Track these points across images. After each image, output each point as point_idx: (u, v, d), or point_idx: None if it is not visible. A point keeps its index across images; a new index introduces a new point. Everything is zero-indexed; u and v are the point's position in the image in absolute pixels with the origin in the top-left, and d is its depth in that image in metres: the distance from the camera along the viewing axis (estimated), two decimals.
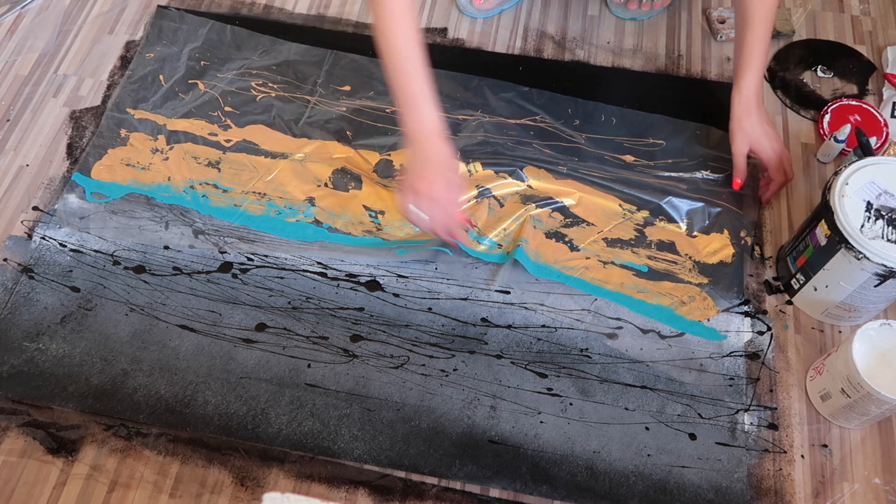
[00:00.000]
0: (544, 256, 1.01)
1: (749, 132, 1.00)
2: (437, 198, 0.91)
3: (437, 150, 0.90)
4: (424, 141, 0.90)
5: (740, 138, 1.00)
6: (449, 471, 0.87)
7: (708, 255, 1.01)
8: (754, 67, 0.98)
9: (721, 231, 1.02)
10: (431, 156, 0.90)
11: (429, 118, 0.89)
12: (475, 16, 1.25)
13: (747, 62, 0.98)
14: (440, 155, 0.90)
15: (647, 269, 1.00)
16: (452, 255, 0.99)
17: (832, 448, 0.89)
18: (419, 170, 0.90)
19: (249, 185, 1.06)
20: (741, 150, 1.01)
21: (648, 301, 0.98)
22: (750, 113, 0.99)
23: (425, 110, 0.89)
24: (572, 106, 1.15)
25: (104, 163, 1.07)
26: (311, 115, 1.13)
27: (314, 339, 0.95)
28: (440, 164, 0.90)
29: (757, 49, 0.97)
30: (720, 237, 1.02)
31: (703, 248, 1.02)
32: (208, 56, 1.18)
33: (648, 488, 0.86)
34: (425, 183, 0.90)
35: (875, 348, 0.85)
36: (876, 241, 0.86)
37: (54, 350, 0.93)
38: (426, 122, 0.89)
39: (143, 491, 0.85)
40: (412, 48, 0.87)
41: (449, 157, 0.91)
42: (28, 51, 1.20)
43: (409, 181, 0.91)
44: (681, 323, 0.96)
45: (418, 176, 0.90)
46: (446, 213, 0.92)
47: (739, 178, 1.03)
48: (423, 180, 0.90)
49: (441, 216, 0.92)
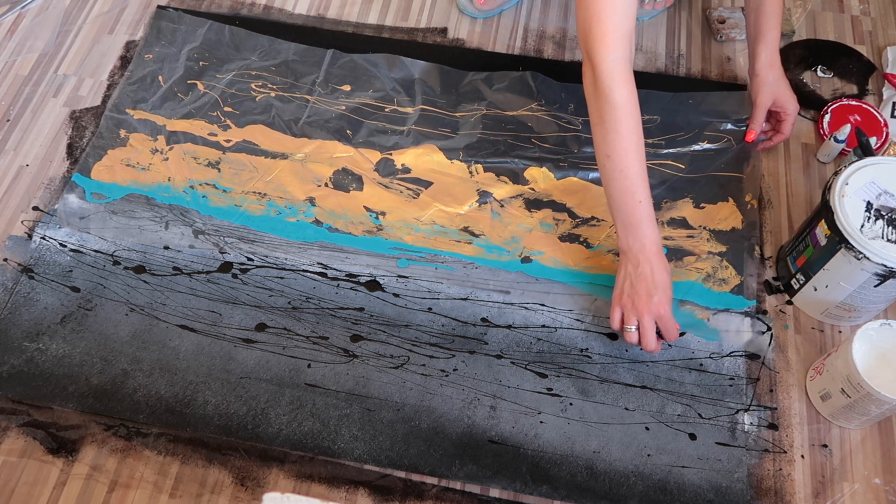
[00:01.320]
0: (563, 261, 1.01)
1: (774, 86, 1.04)
2: (662, 315, 0.89)
3: (661, 269, 0.89)
4: (646, 261, 0.88)
5: (766, 91, 1.05)
6: (449, 471, 0.87)
7: (719, 222, 1.04)
8: (773, 30, 1.03)
9: (726, 199, 1.05)
10: (657, 275, 0.88)
11: (652, 239, 0.89)
12: (475, 16, 1.25)
13: (766, 28, 1.03)
14: (664, 273, 0.89)
15: (666, 251, 1.00)
16: (455, 271, 1.00)
17: (832, 448, 0.89)
18: (640, 288, 0.88)
19: (249, 185, 1.07)
20: (765, 101, 1.05)
21: (677, 281, 0.97)
22: (774, 67, 1.04)
23: (649, 232, 0.89)
24: (565, 91, 1.15)
25: (104, 163, 1.07)
26: (310, 115, 1.13)
27: (314, 339, 0.95)
28: (666, 284, 0.89)
29: (773, 18, 1.03)
30: (726, 205, 1.05)
31: (713, 216, 1.04)
32: (207, 56, 1.18)
33: (648, 488, 0.86)
34: (647, 301, 0.88)
35: (875, 348, 0.85)
36: (876, 241, 0.85)
37: (54, 350, 0.93)
38: (650, 242, 0.89)
39: (143, 491, 0.85)
40: (640, 170, 0.88)
41: (670, 276, 0.90)
42: (28, 51, 1.20)
43: (630, 298, 0.89)
44: (710, 298, 0.98)
45: (638, 294, 0.88)
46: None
47: (756, 128, 1.07)
48: (644, 298, 0.88)
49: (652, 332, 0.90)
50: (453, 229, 1.03)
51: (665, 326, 0.88)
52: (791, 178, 1.09)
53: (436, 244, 1.02)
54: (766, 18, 1.03)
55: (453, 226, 1.04)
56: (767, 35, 1.03)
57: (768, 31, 1.03)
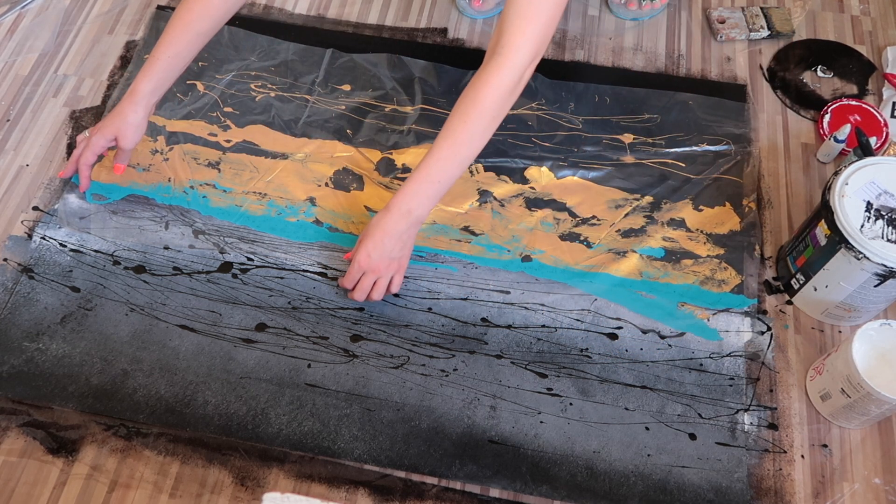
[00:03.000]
0: (564, 260, 1.01)
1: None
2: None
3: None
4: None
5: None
6: (449, 471, 0.87)
7: (717, 226, 1.04)
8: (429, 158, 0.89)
9: (723, 204, 1.05)
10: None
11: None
12: (475, 17, 1.25)
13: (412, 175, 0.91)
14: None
15: (664, 253, 1.01)
16: (457, 271, 1.00)
17: (832, 448, 0.89)
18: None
19: (250, 185, 1.07)
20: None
21: (674, 283, 0.99)
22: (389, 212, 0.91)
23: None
24: (565, 89, 1.15)
25: (104, 164, 1.07)
26: (310, 115, 1.13)
27: (314, 339, 0.95)
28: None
29: (423, 163, 0.89)
30: (724, 209, 1.05)
31: (710, 220, 1.04)
32: (206, 57, 1.18)
33: (648, 488, 0.86)
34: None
35: (875, 348, 0.85)
36: (876, 241, 0.86)
37: (54, 350, 0.93)
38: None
39: (143, 491, 0.85)
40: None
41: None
42: (28, 51, 1.20)
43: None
44: (710, 299, 0.98)
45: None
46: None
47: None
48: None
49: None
50: (454, 228, 1.03)
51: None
52: (791, 178, 1.09)
53: (436, 244, 1.02)
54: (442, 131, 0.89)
55: (454, 225, 1.04)
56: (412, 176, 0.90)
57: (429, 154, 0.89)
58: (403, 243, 0.92)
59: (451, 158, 0.88)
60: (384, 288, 0.94)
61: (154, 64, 0.94)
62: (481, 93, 0.86)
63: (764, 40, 1.23)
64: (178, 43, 0.94)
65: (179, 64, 0.96)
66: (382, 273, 0.93)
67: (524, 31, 0.84)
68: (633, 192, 1.06)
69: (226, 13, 0.96)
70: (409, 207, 0.89)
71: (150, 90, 0.95)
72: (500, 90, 0.86)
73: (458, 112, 0.87)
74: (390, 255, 0.91)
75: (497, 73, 0.85)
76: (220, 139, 1.10)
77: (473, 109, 0.86)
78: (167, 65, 0.95)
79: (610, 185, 1.07)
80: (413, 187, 0.89)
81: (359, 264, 0.92)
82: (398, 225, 0.90)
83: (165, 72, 0.95)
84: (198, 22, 0.94)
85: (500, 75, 0.85)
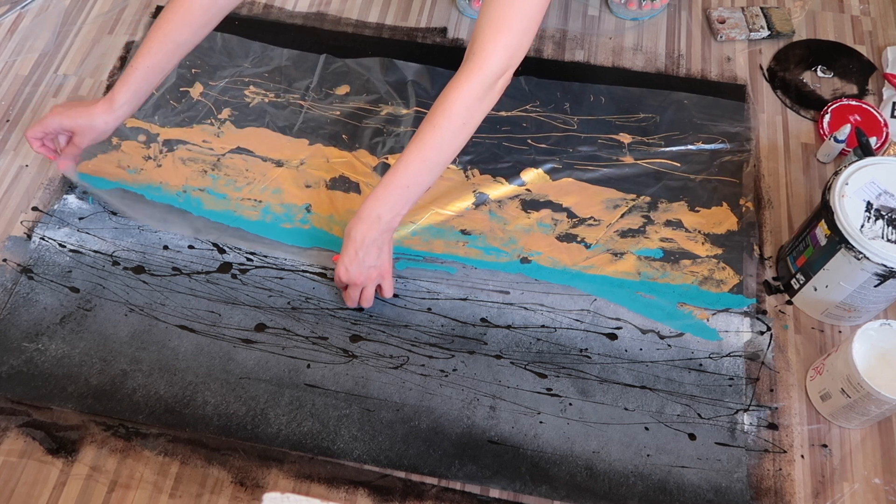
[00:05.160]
0: (562, 261, 1.01)
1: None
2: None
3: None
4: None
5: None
6: (448, 471, 0.87)
7: (714, 226, 1.04)
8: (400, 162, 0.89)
9: (720, 204, 1.05)
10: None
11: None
12: (475, 17, 1.25)
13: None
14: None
15: (662, 254, 1.01)
16: (455, 272, 1.00)
17: (832, 448, 0.89)
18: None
19: (245, 191, 1.06)
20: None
21: (673, 283, 0.99)
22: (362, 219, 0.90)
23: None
24: (560, 90, 1.15)
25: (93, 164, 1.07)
26: (305, 120, 1.12)
27: (314, 340, 0.95)
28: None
29: (393, 169, 0.89)
30: (720, 210, 1.05)
31: (707, 220, 1.04)
32: (199, 64, 1.18)
33: (648, 488, 0.86)
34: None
35: (875, 348, 0.85)
36: (876, 241, 0.85)
37: (54, 350, 0.93)
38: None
39: (142, 491, 0.85)
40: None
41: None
42: (28, 51, 1.20)
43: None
44: (709, 299, 0.98)
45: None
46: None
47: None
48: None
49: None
50: (450, 231, 1.03)
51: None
52: (791, 178, 1.09)
53: (433, 247, 1.02)
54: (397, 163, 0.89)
55: (450, 228, 1.04)
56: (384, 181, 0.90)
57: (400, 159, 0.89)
58: (379, 249, 0.91)
59: (419, 163, 0.88)
60: (371, 295, 0.94)
61: (132, 73, 0.94)
62: (449, 99, 0.86)
63: (764, 40, 1.23)
64: (157, 53, 0.93)
65: (157, 75, 0.95)
66: (364, 283, 0.93)
67: (495, 41, 0.84)
68: (629, 192, 1.06)
69: (206, 24, 0.95)
70: (378, 213, 0.89)
71: (126, 100, 0.95)
72: (470, 98, 0.85)
73: (428, 118, 0.87)
74: (368, 265, 0.91)
75: (467, 81, 0.85)
76: (215, 146, 1.10)
77: (442, 116, 0.86)
78: (143, 75, 0.94)
79: (606, 185, 1.06)
80: (381, 193, 0.89)
81: (339, 279, 0.93)
82: (370, 233, 0.89)
83: (142, 82, 0.94)
84: (176, 32, 0.93)
85: (469, 83, 0.85)
